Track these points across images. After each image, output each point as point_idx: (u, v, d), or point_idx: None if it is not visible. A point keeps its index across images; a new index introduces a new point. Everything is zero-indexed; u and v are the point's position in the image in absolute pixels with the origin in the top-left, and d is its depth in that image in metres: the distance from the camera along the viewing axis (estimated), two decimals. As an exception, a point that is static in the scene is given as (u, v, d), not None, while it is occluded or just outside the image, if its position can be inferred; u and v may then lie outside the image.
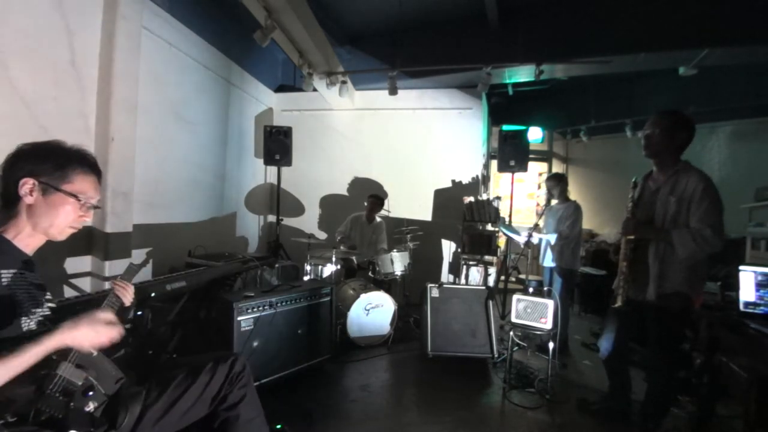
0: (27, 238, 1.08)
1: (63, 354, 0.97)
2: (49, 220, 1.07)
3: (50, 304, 1.13)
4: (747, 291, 2.06)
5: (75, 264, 2.58)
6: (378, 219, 4.43)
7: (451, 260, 5.10)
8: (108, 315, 1.04)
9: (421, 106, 5.16)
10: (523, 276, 4.39)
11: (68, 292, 2.52)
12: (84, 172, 1.11)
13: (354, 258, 4.11)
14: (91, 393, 1.00)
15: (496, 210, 4.46)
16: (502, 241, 4.82)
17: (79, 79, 2.54)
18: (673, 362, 2.01)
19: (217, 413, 1.32)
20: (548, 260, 3.47)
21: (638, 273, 1.93)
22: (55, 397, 0.94)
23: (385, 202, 4.57)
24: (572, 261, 3.35)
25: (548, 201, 3.53)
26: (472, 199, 4.56)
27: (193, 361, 1.35)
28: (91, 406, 1.00)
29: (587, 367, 3.09)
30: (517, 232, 3.75)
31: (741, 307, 2.06)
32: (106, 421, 1.03)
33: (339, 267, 3.72)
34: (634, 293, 1.94)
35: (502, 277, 3.82)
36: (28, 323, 1.03)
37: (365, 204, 4.42)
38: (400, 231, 4.31)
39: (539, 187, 6.85)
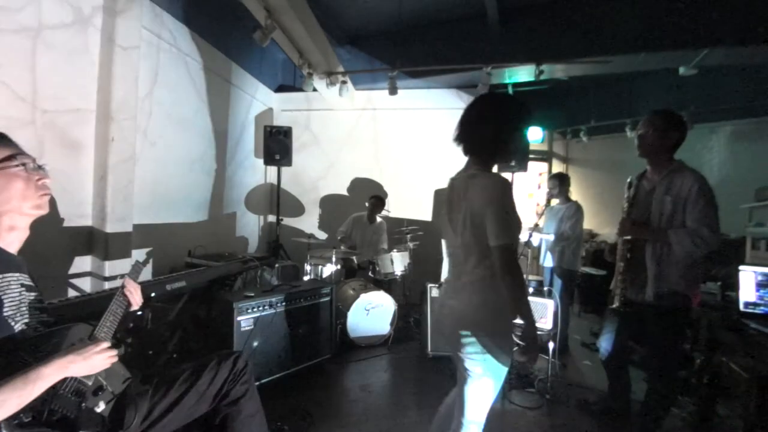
0: (4, 234, 1.05)
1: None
2: (7, 202, 1.02)
3: (41, 304, 1.11)
4: (747, 291, 2.06)
5: (75, 264, 2.58)
6: (379, 219, 4.43)
7: (451, 260, 5.09)
8: (100, 345, 1.01)
9: (421, 106, 5.15)
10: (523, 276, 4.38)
11: (69, 292, 2.52)
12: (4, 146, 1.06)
13: (354, 258, 4.12)
14: (100, 392, 1.02)
15: None
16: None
17: (79, 79, 2.54)
18: (673, 362, 2.01)
19: (219, 409, 1.34)
20: (548, 261, 3.47)
21: (636, 274, 1.93)
22: (68, 397, 0.96)
23: (386, 201, 4.58)
24: (573, 261, 3.35)
25: (548, 201, 3.52)
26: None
27: (197, 360, 1.38)
28: (101, 406, 1.01)
29: (587, 367, 3.09)
30: None
31: (741, 307, 2.07)
32: (114, 422, 1.05)
33: (339, 267, 3.72)
34: (632, 294, 1.94)
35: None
36: (21, 326, 1.02)
37: (366, 204, 4.42)
38: (400, 231, 4.31)
39: (539, 187, 6.85)
